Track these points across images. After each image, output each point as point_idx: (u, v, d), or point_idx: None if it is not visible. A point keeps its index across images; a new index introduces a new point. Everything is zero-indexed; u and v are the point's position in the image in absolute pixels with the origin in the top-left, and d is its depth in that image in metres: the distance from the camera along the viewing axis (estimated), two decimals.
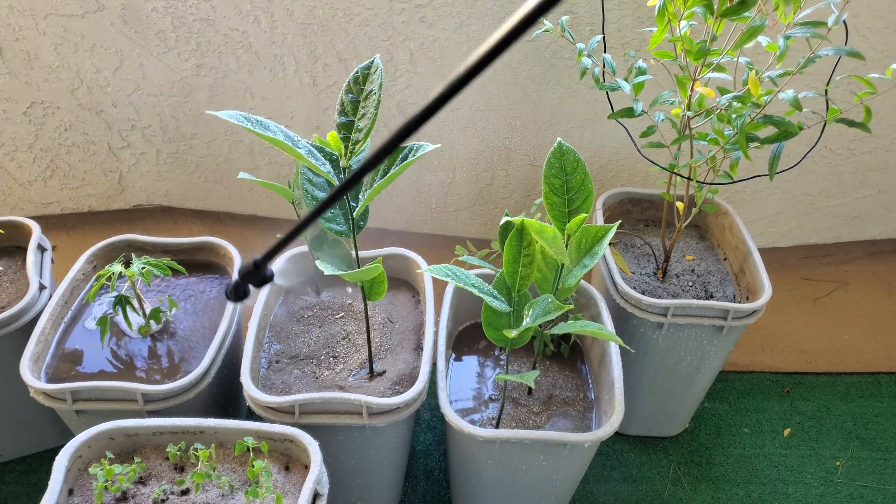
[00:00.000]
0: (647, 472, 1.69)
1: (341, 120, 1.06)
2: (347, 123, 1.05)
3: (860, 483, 1.67)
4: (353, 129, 1.05)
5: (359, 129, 1.05)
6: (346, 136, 1.05)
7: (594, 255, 1.14)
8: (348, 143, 1.05)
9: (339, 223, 1.17)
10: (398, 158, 1.08)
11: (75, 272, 1.46)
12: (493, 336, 1.21)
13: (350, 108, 1.05)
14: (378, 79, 1.05)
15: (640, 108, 1.32)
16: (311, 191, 1.16)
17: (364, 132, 1.04)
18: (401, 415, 1.24)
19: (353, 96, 1.06)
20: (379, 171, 1.09)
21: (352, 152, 1.05)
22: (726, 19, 1.15)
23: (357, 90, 1.06)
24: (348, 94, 1.06)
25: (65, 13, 1.73)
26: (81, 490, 1.07)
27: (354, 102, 1.05)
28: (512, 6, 1.65)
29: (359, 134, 1.04)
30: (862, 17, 1.69)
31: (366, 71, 1.07)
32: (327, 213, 1.16)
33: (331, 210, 1.17)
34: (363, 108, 1.05)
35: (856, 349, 2.00)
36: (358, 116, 1.05)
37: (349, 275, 1.10)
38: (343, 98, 1.06)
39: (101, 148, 1.98)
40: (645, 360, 1.55)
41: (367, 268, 1.09)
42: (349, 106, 1.05)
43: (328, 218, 1.16)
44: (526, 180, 1.98)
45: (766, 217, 2.11)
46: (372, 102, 1.04)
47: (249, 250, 2.07)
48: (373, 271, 1.11)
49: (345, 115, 1.06)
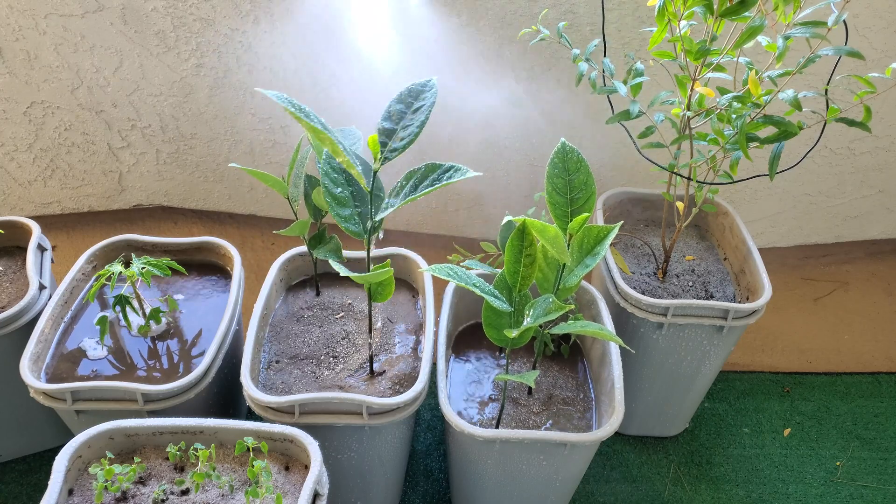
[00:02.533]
0: (647, 472, 1.69)
1: (384, 125, 1.08)
2: (390, 130, 1.07)
3: (860, 483, 1.67)
4: (393, 136, 1.07)
5: (400, 138, 1.06)
6: (385, 141, 1.07)
7: (596, 255, 1.14)
8: (385, 149, 1.06)
9: (355, 223, 1.16)
10: (431, 174, 1.08)
11: (75, 272, 1.46)
12: (494, 336, 1.21)
13: (396, 116, 1.07)
14: (431, 97, 1.08)
15: (636, 109, 1.32)
16: (329, 187, 1.16)
17: (405, 142, 1.06)
18: (401, 415, 1.24)
19: (401, 107, 1.08)
20: (409, 181, 1.10)
21: (386, 158, 1.06)
22: (726, 19, 1.15)
23: (407, 102, 1.09)
24: (398, 104, 1.08)
25: (65, 13, 1.73)
26: (81, 490, 1.07)
27: (401, 113, 1.07)
28: (512, 6, 1.65)
29: (399, 142, 1.06)
30: (862, 17, 1.69)
31: (421, 88, 1.10)
32: (345, 211, 1.16)
33: (348, 209, 1.17)
34: (409, 119, 1.07)
35: (856, 349, 2.00)
36: (401, 126, 1.06)
37: (361, 277, 1.11)
38: (392, 106, 1.08)
39: (101, 148, 1.98)
40: (645, 360, 1.55)
41: (379, 271, 1.09)
42: (395, 114, 1.07)
43: (346, 217, 1.16)
44: (526, 180, 1.98)
45: (766, 217, 2.11)
46: (419, 118, 1.06)
47: (249, 250, 2.07)
48: (384, 274, 1.11)
49: (389, 120, 1.08)
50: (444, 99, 1.82)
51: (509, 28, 1.69)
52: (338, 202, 1.16)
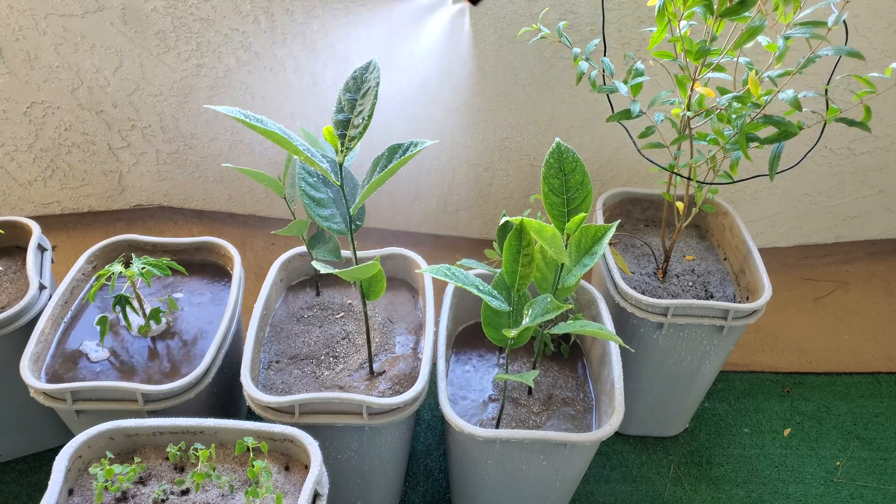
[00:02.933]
0: (647, 472, 1.69)
1: (338, 117, 1.08)
2: (344, 121, 1.07)
3: (860, 483, 1.67)
4: (349, 125, 1.07)
5: (355, 126, 1.06)
6: (343, 133, 1.07)
7: (594, 255, 1.14)
8: (344, 139, 1.07)
9: (337, 222, 1.17)
10: (395, 154, 1.09)
11: (75, 272, 1.46)
12: (493, 336, 1.21)
13: (347, 106, 1.07)
14: (375, 78, 1.07)
15: (637, 109, 1.32)
16: (307, 190, 1.17)
17: (360, 129, 1.06)
18: (401, 415, 1.24)
19: (350, 95, 1.08)
20: (376, 168, 1.10)
21: (347, 148, 1.07)
22: (726, 19, 1.15)
23: (355, 89, 1.08)
24: (346, 94, 1.08)
25: (65, 13, 1.73)
26: (81, 490, 1.07)
27: (352, 101, 1.07)
28: (511, 6, 1.65)
29: (355, 130, 1.06)
30: (862, 17, 1.69)
31: (363, 71, 1.09)
32: (325, 211, 1.17)
33: (328, 209, 1.18)
34: (360, 105, 1.07)
35: (856, 349, 2.00)
36: (354, 114, 1.06)
37: (346, 273, 1.10)
38: (341, 97, 1.08)
39: (101, 148, 1.98)
40: (645, 360, 1.55)
41: (364, 266, 1.09)
42: (346, 104, 1.07)
43: (326, 217, 1.17)
44: (526, 180, 1.98)
45: (766, 217, 2.11)
46: (369, 100, 1.06)
47: (250, 250, 2.07)
48: (370, 269, 1.11)
49: (342, 112, 1.07)
50: (443, 99, 1.82)
51: (509, 27, 1.69)
52: (317, 203, 1.17)
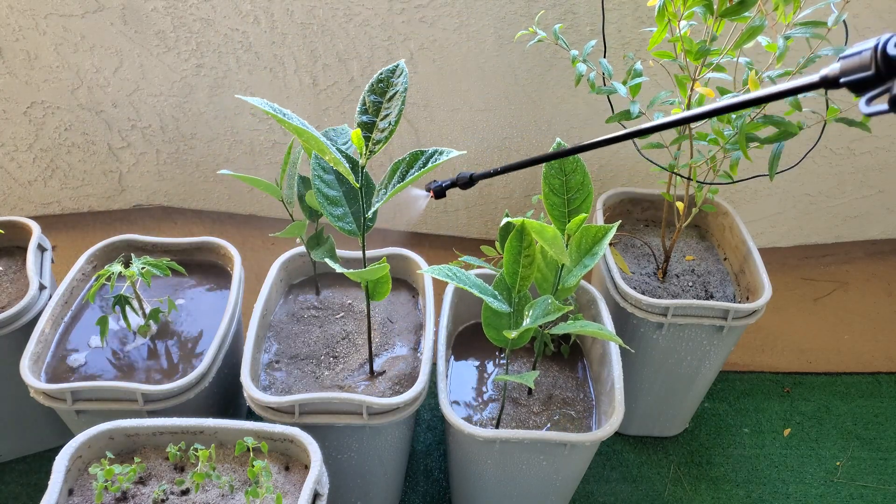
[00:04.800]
0: (647, 472, 1.69)
1: (363, 119, 1.07)
2: (368, 123, 1.06)
3: (860, 483, 1.67)
4: (374, 128, 1.06)
5: (381, 130, 1.05)
6: (367, 135, 1.06)
7: (594, 255, 1.14)
8: (369, 142, 1.06)
9: (349, 222, 1.17)
10: (417, 161, 1.07)
11: (75, 272, 1.46)
12: (494, 336, 1.21)
13: (372, 109, 1.06)
14: (403, 83, 1.06)
15: (636, 110, 1.32)
16: (321, 187, 1.16)
17: (386, 133, 1.05)
18: (401, 415, 1.24)
19: (375, 97, 1.07)
20: (395, 172, 1.09)
21: (371, 152, 1.06)
22: (726, 19, 1.15)
23: (380, 91, 1.07)
24: (371, 95, 1.07)
25: (65, 13, 1.73)
26: (81, 490, 1.07)
27: (376, 104, 1.06)
28: (511, 6, 1.65)
29: (380, 134, 1.06)
30: (862, 17, 1.69)
31: (389, 74, 1.08)
32: (338, 210, 1.16)
33: (341, 208, 1.17)
34: (386, 109, 1.06)
35: (856, 349, 2.00)
36: (380, 117, 1.06)
37: (355, 274, 1.11)
38: (365, 98, 1.07)
39: (101, 148, 1.98)
40: (645, 360, 1.55)
41: (374, 267, 1.09)
42: (371, 106, 1.06)
43: (339, 216, 1.16)
44: (526, 180, 1.98)
45: (766, 217, 2.10)
46: (395, 105, 1.05)
47: (249, 250, 2.07)
48: (379, 271, 1.11)
49: (366, 113, 1.06)
50: (443, 98, 1.82)
51: (509, 27, 1.69)
52: (330, 202, 1.16)
